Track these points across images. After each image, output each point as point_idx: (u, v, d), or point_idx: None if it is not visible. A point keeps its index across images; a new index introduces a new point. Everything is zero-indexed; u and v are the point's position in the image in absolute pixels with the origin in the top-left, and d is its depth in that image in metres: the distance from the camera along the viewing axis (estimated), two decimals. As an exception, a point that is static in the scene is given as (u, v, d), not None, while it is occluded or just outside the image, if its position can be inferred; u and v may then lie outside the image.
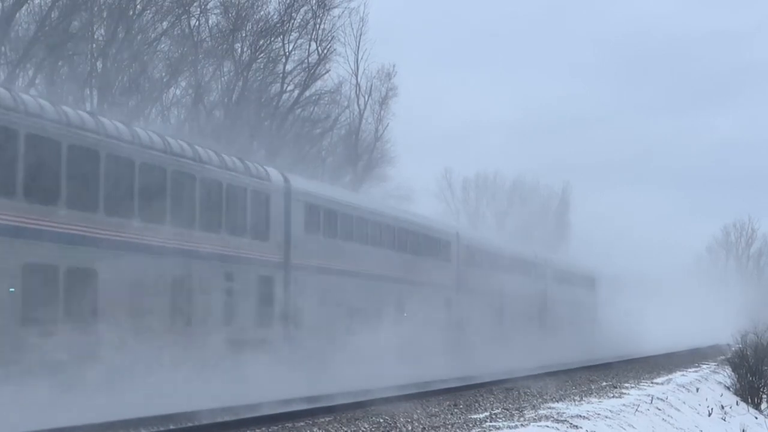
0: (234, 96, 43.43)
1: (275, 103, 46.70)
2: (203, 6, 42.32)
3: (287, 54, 46.91)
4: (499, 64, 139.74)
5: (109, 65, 36.74)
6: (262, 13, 44.98)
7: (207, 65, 42.41)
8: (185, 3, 40.29)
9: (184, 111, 43.13)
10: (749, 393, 34.12)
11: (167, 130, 32.63)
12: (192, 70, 41.15)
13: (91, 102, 35.85)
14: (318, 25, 47.90)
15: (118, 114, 28.40)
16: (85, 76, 36.21)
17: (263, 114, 45.42)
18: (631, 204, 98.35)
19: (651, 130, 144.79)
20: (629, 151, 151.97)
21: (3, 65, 34.53)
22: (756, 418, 30.70)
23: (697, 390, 29.53)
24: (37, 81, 34.96)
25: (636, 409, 21.30)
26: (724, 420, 27.06)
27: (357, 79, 54.47)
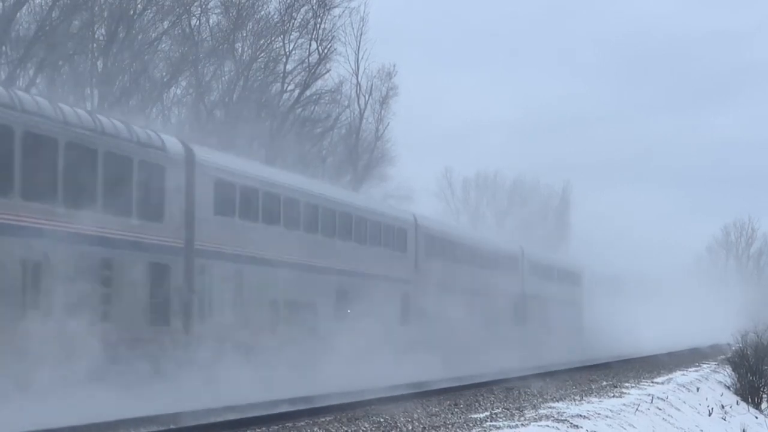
0: (234, 95, 43.46)
1: (276, 103, 46.73)
2: (204, 5, 42.45)
3: (288, 53, 47.06)
4: (499, 64, 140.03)
5: (110, 65, 36.77)
6: (262, 13, 45.16)
7: (207, 65, 42.48)
8: (186, 2, 40.35)
9: (184, 110, 43.19)
10: (749, 392, 34.12)
11: (168, 129, 32.39)
12: (192, 69, 41.20)
13: (92, 102, 35.89)
14: (318, 25, 48.06)
15: (118, 113, 28.28)
16: (86, 75, 36.24)
17: (264, 113, 45.44)
18: (632, 203, 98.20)
19: (651, 129, 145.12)
20: (629, 151, 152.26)
21: (3, 65, 34.56)
22: (756, 417, 30.70)
23: (698, 389, 29.51)
24: (38, 80, 35.00)
25: (636, 409, 21.29)
26: (724, 420, 27.05)
27: (357, 79, 54.58)
